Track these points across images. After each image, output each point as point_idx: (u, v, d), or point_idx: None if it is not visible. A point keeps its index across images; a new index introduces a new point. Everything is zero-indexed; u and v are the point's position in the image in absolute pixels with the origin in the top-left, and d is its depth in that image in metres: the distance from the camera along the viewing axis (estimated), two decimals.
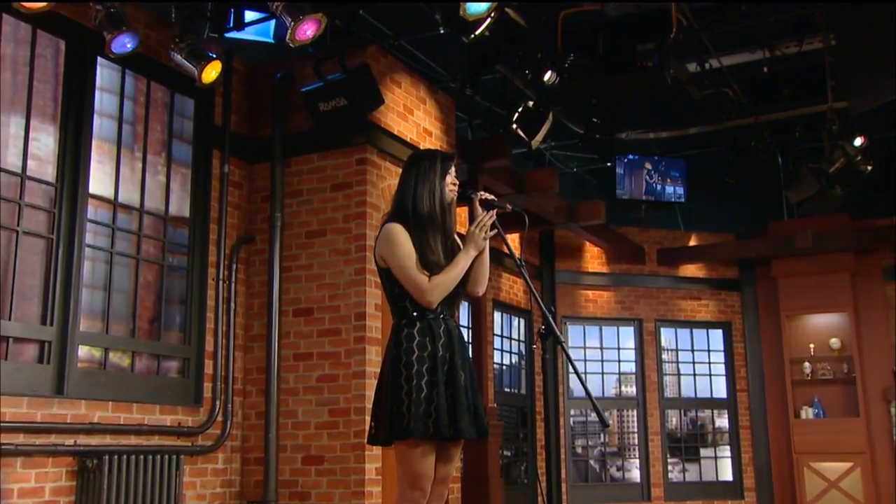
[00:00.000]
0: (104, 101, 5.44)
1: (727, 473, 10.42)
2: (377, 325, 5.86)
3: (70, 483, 4.81)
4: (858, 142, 7.58)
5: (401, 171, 3.31)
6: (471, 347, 7.49)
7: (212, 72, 5.50)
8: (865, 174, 7.73)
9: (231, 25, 5.86)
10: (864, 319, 9.86)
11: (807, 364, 10.03)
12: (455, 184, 3.25)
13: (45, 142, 5.04)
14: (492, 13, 5.71)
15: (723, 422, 10.61)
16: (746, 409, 10.45)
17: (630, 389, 10.34)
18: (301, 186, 6.23)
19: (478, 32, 5.87)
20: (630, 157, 9.69)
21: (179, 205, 5.93)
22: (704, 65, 7.28)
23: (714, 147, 9.09)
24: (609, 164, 9.56)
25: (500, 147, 7.42)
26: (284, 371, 6.02)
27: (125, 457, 4.97)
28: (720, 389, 10.66)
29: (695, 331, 10.74)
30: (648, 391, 10.26)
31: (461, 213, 6.80)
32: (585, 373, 10.20)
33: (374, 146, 6.10)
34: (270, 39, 6.45)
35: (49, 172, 5.03)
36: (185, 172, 6.01)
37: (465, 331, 8.02)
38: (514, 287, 9.51)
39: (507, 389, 9.45)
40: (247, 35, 6.24)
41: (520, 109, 6.88)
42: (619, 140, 8.93)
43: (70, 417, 4.84)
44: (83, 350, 5.09)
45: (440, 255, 3.13)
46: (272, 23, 6.23)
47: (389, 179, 6.14)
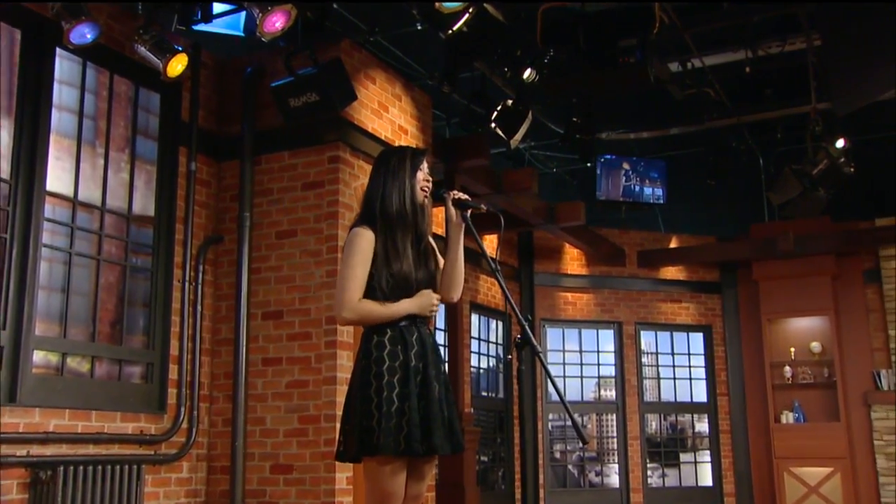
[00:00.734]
0: (63, 95, 5.20)
1: (707, 479, 10.31)
2: (349, 330, 5.66)
3: (22, 496, 4.56)
4: (840, 143, 7.48)
5: (370, 170, 3.12)
6: (447, 351, 7.32)
7: (177, 65, 5.28)
8: (848, 176, 7.64)
9: (199, 18, 5.68)
10: (845, 323, 9.80)
11: (787, 368, 9.94)
12: (428, 181, 3.07)
13: None
14: (469, 8, 5.56)
15: (703, 426, 10.50)
16: (726, 414, 10.36)
17: (609, 393, 10.20)
18: (271, 185, 6.03)
19: (455, 28, 5.74)
20: (607, 157, 9.52)
21: (144, 203, 5.70)
22: (686, 64, 7.20)
23: (695, 148, 8.99)
24: (589, 165, 9.42)
25: (478, 146, 7.26)
26: (252, 376, 5.81)
27: (81, 467, 4.73)
28: (700, 393, 10.55)
29: (675, 334, 10.62)
30: (628, 395, 10.13)
31: (439, 214, 6.60)
32: (564, 376, 10.07)
33: (347, 144, 5.91)
34: (241, 33, 6.25)
35: (3, 168, 4.78)
36: (151, 169, 5.77)
37: (441, 334, 7.84)
38: (492, 289, 9.34)
39: (485, 394, 9.28)
40: (216, 28, 6.05)
41: (499, 108, 6.74)
42: (600, 140, 8.82)
43: (23, 426, 4.59)
44: (38, 355, 4.84)
45: (409, 261, 2.93)
46: (243, 15, 6.04)
47: (363, 178, 5.95)
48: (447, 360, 7.62)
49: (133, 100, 5.69)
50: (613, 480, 9.97)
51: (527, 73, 6.43)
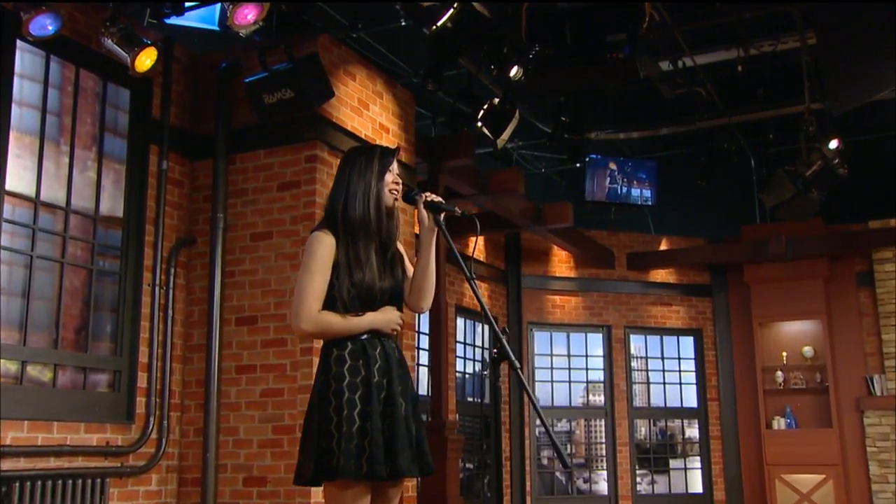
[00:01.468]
0: (25, 89, 4.95)
1: (697, 485, 10.13)
2: None
3: None
4: (834, 144, 7.31)
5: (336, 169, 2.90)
6: (430, 355, 7.11)
7: (146, 59, 5.04)
8: (841, 178, 7.48)
9: (170, 11, 5.45)
10: (838, 327, 9.64)
11: (779, 373, 9.77)
12: (398, 183, 2.85)
13: None
14: (454, 3, 5.36)
15: (693, 432, 10.32)
16: (717, 419, 10.18)
17: (598, 398, 10.01)
18: (246, 185, 5.79)
19: (439, 24, 5.52)
20: (592, 157, 9.29)
21: (112, 204, 5.46)
22: (677, 63, 7.04)
23: (686, 148, 8.82)
24: (578, 165, 9.22)
25: (463, 145, 7.05)
26: (226, 384, 5.58)
27: (40, 482, 4.50)
28: (690, 398, 10.36)
29: (665, 338, 10.43)
30: (617, 400, 9.93)
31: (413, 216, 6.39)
32: (552, 381, 9.87)
33: (325, 142, 5.69)
34: (216, 27, 6.01)
35: None
36: (119, 169, 5.54)
37: (425, 337, 7.63)
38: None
39: (470, 399, 9.08)
40: (190, 22, 5.81)
41: (485, 107, 6.54)
42: (589, 140, 8.64)
43: None
44: None
45: (373, 270, 2.71)
46: (217, 8, 5.81)
47: None
48: (431, 365, 7.41)
49: (101, 96, 5.45)
50: (602, 487, 9.78)
51: (513, 71, 6.23)
